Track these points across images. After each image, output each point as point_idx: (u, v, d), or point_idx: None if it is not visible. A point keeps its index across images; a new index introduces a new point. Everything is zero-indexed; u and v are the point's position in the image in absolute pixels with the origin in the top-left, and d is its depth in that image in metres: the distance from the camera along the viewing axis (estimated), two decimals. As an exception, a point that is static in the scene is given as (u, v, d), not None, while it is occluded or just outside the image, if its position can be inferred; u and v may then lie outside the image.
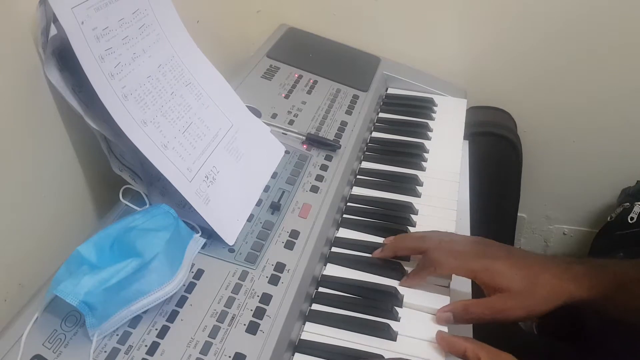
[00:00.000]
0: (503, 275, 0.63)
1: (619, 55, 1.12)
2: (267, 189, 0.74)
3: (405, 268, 0.70)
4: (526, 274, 0.62)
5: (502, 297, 0.62)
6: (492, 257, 0.64)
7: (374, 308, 0.64)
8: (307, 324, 0.63)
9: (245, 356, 0.53)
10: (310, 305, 0.65)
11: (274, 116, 0.87)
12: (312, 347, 0.60)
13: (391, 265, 0.70)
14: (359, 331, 0.62)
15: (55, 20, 0.55)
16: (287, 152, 0.81)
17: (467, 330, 0.64)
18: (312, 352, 0.60)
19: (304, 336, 0.62)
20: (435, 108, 1.05)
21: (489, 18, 1.14)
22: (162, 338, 0.54)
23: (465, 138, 1.00)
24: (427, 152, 0.93)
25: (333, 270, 0.70)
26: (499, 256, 0.64)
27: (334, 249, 0.73)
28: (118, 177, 0.66)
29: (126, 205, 0.66)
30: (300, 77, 0.99)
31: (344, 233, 0.76)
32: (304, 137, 0.84)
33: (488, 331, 0.64)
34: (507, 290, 0.62)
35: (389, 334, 0.62)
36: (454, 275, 0.68)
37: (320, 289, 0.67)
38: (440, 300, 0.65)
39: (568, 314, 0.69)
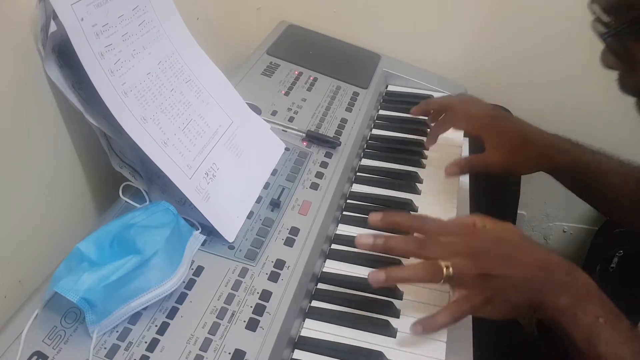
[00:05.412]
0: (502, 133, 0.79)
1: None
2: (267, 185, 0.74)
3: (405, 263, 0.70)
4: (521, 137, 0.78)
5: (496, 152, 0.78)
6: (497, 118, 0.82)
7: (373, 305, 0.65)
8: (307, 320, 0.63)
9: (245, 353, 0.54)
10: (310, 302, 0.65)
11: (274, 113, 0.87)
12: (312, 343, 0.60)
13: (392, 261, 0.70)
14: (359, 328, 0.62)
15: (55, 16, 0.55)
16: (287, 149, 0.81)
17: (467, 330, 0.64)
18: (311, 348, 0.60)
19: (304, 333, 0.62)
20: (435, 105, 1.05)
21: (489, 16, 1.14)
22: (162, 334, 0.54)
23: (465, 135, 0.99)
24: (427, 149, 0.93)
25: (333, 267, 0.70)
26: (503, 119, 0.83)
27: (333, 246, 0.73)
28: (118, 174, 0.66)
29: (126, 202, 0.66)
30: (300, 74, 0.99)
31: (344, 230, 0.76)
32: (304, 134, 0.84)
33: (488, 330, 0.64)
34: (501, 146, 0.78)
35: (389, 331, 0.62)
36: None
37: (320, 286, 0.67)
38: (440, 298, 0.65)
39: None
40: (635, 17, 0.52)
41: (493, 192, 1.17)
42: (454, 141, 0.94)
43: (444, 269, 0.56)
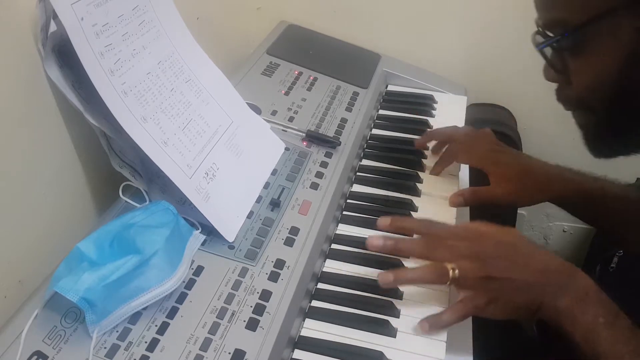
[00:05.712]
0: (505, 166, 0.79)
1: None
2: (267, 185, 0.74)
3: (406, 265, 0.70)
4: (523, 168, 0.79)
5: (500, 184, 0.78)
6: (500, 152, 0.82)
7: (373, 305, 0.65)
8: (307, 320, 0.63)
9: (245, 352, 0.54)
10: (310, 302, 0.65)
11: (274, 113, 0.87)
12: (312, 343, 0.60)
13: (391, 262, 0.70)
14: (359, 328, 0.62)
15: (55, 16, 0.56)
16: (287, 149, 0.81)
17: (467, 330, 0.64)
18: (311, 348, 0.60)
19: (304, 333, 0.62)
20: (435, 105, 1.05)
21: (489, 16, 1.14)
22: (162, 334, 0.54)
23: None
24: (427, 149, 0.93)
25: (333, 266, 0.70)
26: (506, 153, 0.82)
27: (333, 246, 0.73)
28: (118, 173, 0.66)
29: (126, 202, 0.66)
30: (300, 74, 0.99)
31: (344, 230, 0.76)
32: (303, 134, 0.84)
33: (488, 330, 0.65)
34: (505, 178, 0.78)
35: (389, 331, 0.62)
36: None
37: (320, 286, 0.67)
38: (439, 297, 0.65)
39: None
40: (567, 31, 0.56)
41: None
42: None
43: (450, 271, 0.59)
